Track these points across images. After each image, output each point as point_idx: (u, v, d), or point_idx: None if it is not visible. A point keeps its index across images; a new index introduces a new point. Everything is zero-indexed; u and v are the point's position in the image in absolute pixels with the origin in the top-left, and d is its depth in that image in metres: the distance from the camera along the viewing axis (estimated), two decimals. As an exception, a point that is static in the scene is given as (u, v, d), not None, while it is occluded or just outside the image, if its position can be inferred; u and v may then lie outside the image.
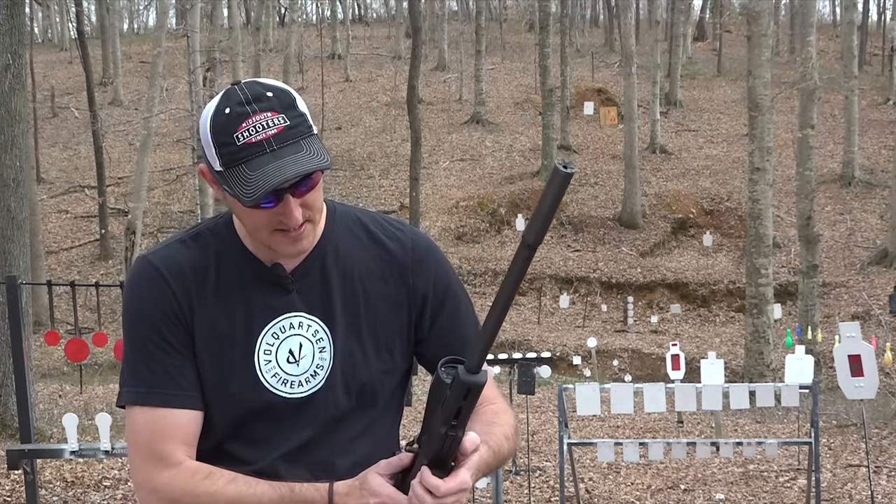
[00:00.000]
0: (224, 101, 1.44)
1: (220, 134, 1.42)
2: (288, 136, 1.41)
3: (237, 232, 1.57)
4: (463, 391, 1.30)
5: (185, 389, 1.50)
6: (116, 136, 27.20)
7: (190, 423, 1.50)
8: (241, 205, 1.44)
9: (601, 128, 28.07)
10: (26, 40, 10.89)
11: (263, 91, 1.43)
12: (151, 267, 1.53)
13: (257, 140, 1.40)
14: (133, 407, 1.51)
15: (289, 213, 1.44)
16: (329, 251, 1.57)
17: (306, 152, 1.42)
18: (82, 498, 6.41)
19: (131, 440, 1.53)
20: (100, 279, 18.75)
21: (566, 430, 5.79)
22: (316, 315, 1.55)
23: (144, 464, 1.49)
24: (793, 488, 7.13)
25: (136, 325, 1.52)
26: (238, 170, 1.41)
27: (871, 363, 5.75)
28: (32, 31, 39.02)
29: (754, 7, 13.25)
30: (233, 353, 1.52)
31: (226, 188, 1.44)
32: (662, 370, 12.40)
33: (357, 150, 27.26)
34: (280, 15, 41.47)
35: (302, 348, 1.54)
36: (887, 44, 34.28)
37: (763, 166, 12.96)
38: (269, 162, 1.39)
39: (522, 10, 46.52)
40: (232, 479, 1.46)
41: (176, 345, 1.50)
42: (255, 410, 1.52)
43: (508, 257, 21.48)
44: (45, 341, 8.26)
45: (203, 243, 1.56)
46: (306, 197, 1.46)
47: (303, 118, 1.44)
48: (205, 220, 1.63)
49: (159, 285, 1.51)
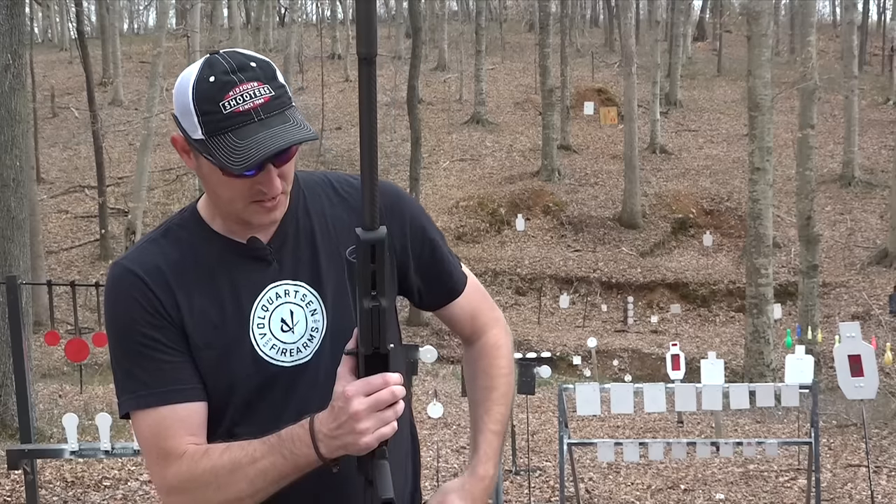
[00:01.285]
0: (207, 70, 1.44)
1: (203, 102, 1.42)
2: (274, 106, 1.44)
3: (204, 219, 1.58)
4: (368, 253, 1.26)
5: (181, 383, 1.50)
6: (116, 136, 27.20)
7: (192, 415, 1.50)
8: (220, 174, 1.45)
9: (601, 128, 28.07)
10: (26, 40, 10.89)
11: (247, 61, 1.45)
12: (126, 271, 1.53)
13: (245, 109, 1.41)
14: (136, 413, 1.51)
15: (269, 182, 1.46)
16: (300, 215, 1.59)
17: (293, 123, 1.44)
18: (82, 498, 6.41)
19: (142, 445, 1.53)
20: (100, 279, 18.65)
21: (566, 430, 5.79)
22: (302, 280, 1.56)
23: (155, 465, 1.50)
24: (793, 488, 7.13)
25: (123, 330, 1.51)
26: (224, 138, 1.42)
27: (871, 363, 5.75)
28: (32, 31, 38.99)
29: (754, 7, 13.25)
30: (229, 336, 1.52)
31: (207, 157, 1.44)
32: (662, 370, 12.39)
33: (357, 150, 26.94)
34: (280, 15, 41.47)
35: (294, 315, 1.55)
36: (887, 44, 34.30)
37: (763, 166, 12.96)
38: (259, 131, 1.41)
39: (522, 10, 46.54)
40: (225, 448, 1.46)
41: (164, 341, 1.50)
42: (259, 386, 1.52)
43: (509, 257, 21.51)
44: (45, 341, 8.25)
45: (173, 238, 1.57)
46: (284, 167, 1.49)
47: (284, 89, 1.47)
48: (170, 217, 1.65)
49: (138, 287, 1.51)
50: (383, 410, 1.33)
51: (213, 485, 1.45)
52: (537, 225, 22.90)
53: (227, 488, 1.44)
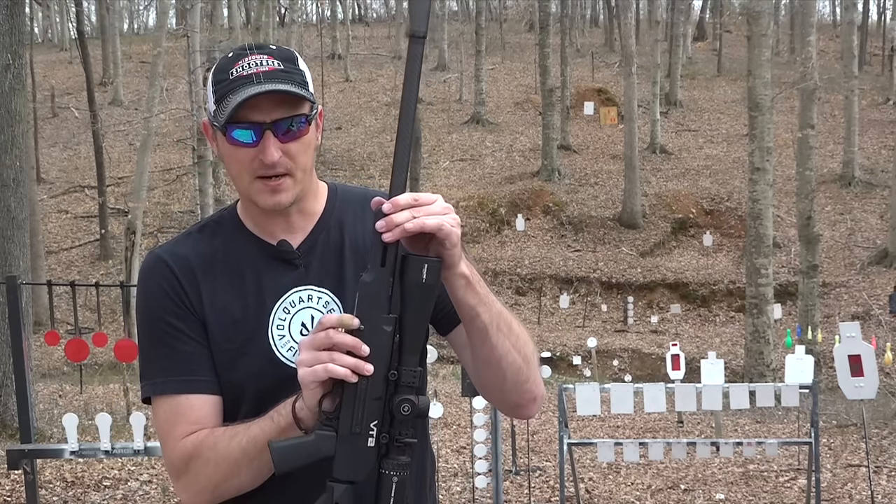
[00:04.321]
0: (230, 52, 1.54)
1: (218, 72, 1.51)
2: (279, 75, 1.47)
3: (240, 218, 1.62)
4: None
5: (199, 374, 1.53)
6: (116, 136, 27.19)
7: (204, 405, 1.53)
8: (227, 146, 1.50)
9: (601, 128, 28.07)
10: (26, 40, 10.90)
11: (267, 45, 1.54)
12: (159, 260, 1.58)
13: (248, 74, 1.47)
14: (155, 398, 1.56)
15: (265, 149, 1.48)
16: (332, 225, 1.62)
17: (290, 84, 1.47)
18: (82, 498, 6.41)
19: (157, 430, 1.58)
20: (100, 279, 18.76)
21: (566, 430, 5.79)
22: (326, 287, 1.58)
23: (167, 447, 1.54)
24: (793, 488, 7.13)
25: (149, 317, 1.57)
26: (226, 100, 1.47)
27: (871, 363, 5.75)
28: (32, 31, 39.01)
29: (754, 7, 13.25)
30: (248, 333, 1.55)
31: (215, 124, 1.51)
32: (662, 370, 12.39)
33: (357, 150, 27.26)
34: (280, 15, 41.46)
35: (314, 320, 1.56)
36: (887, 44, 34.31)
37: (763, 166, 12.96)
38: (254, 88, 1.45)
39: (522, 10, 46.51)
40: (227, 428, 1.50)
41: (187, 331, 1.54)
42: (274, 386, 1.53)
43: (509, 257, 21.51)
44: (45, 341, 8.25)
45: (209, 232, 1.62)
46: (289, 145, 1.50)
47: (300, 73, 1.51)
48: (212, 214, 1.70)
49: (166, 276, 1.56)
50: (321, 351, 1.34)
51: (212, 461, 1.47)
52: (537, 225, 22.90)
53: (224, 463, 1.46)
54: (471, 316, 1.45)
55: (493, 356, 1.49)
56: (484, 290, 1.46)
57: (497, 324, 1.48)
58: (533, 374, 1.56)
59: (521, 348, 1.52)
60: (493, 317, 1.47)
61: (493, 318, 1.47)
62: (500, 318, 1.49)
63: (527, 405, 1.60)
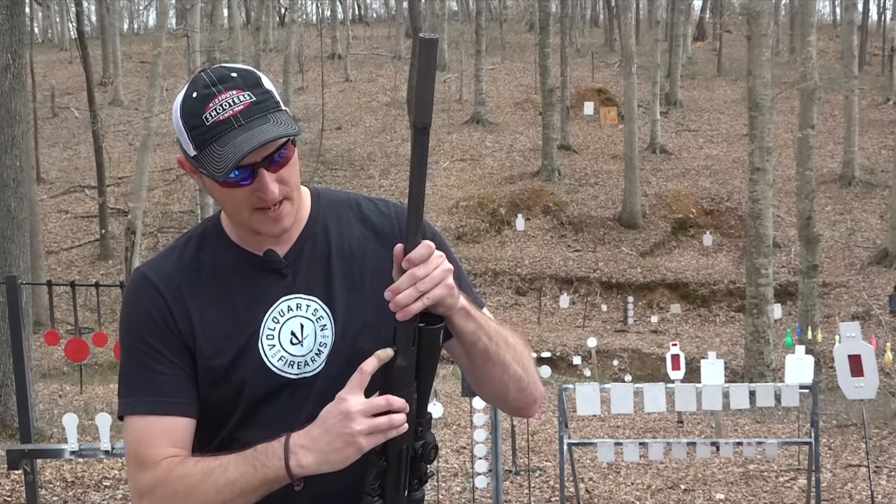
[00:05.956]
0: (191, 87, 1.47)
1: (189, 118, 1.46)
2: (255, 111, 1.45)
3: (225, 229, 1.61)
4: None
5: (173, 396, 1.53)
6: (116, 136, 27.19)
7: (177, 428, 1.52)
8: (219, 187, 1.48)
9: (601, 128, 28.06)
10: (26, 40, 10.90)
11: (228, 73, 1.47)
12: (144, 278, 1.57)
13: (225, 118, 1.43)
14: (127, 417, 1.55)
15: (264, 188, 1.47)
16: (318, 231, 1.61)
17: (274, 123, 1.45)
18: (82, 498, 6.41)
19: (125, 450, 1.58)
20: (100, 279, 18.75)
21: (566, 431, 5.79)
22: (315, 295, 1.58)
23: (133, 470, 1.53)
24: (793, 488, 7.13)
25: (129, 335, 1.56)
26: (210, 149, 1.44)
27: (871, 363, 5.76)
28: (32, 31, 38.99)
29: (754, 7, 13.25)
30: (238, 345, 1.55)
31: (202, 171, 1.48)
32: (662, 370, 12.40)
33: (357, 150, 27.25)
34: (280, 15, 41.46)
35: (304, 328, 1.56)
36: (887, 44, 34.30)
37: (763, 166, 12.96)
38: (238, 135, 1.43)
39: (522, 10, 46.53)
40: (201, 459, 1.49)
41: (167, 354, 1.53)
42: (264, 395, 1.55)
43: (509, 257, 21.50)
44: (45, 341, 8.26)
45: (194, 246, 1.61)
46: (281, 172, 1.49)
47: (269, 94, 1.48)
48: (195, 225, 1.68)
49: (150, 295, 1.55)
50: (377, 416, 1.38)
51: (181, 493, 1.46)
52: (537, 225, 22.89)
53: (195, 497, 1.45)
54: (472, 341, 1.51)
55: (495, 372, 1.57)
56: (478, 314, 1.52)
57: (497, 342, 1.54)
58: (532, 379, 1.63)
59: (519, 359, 1.59)
60: (492, 337, 1.53)
61: (492, 338, 1.53)
62: (497, 335, 1.55)
63: (528, 407, 1.67)
